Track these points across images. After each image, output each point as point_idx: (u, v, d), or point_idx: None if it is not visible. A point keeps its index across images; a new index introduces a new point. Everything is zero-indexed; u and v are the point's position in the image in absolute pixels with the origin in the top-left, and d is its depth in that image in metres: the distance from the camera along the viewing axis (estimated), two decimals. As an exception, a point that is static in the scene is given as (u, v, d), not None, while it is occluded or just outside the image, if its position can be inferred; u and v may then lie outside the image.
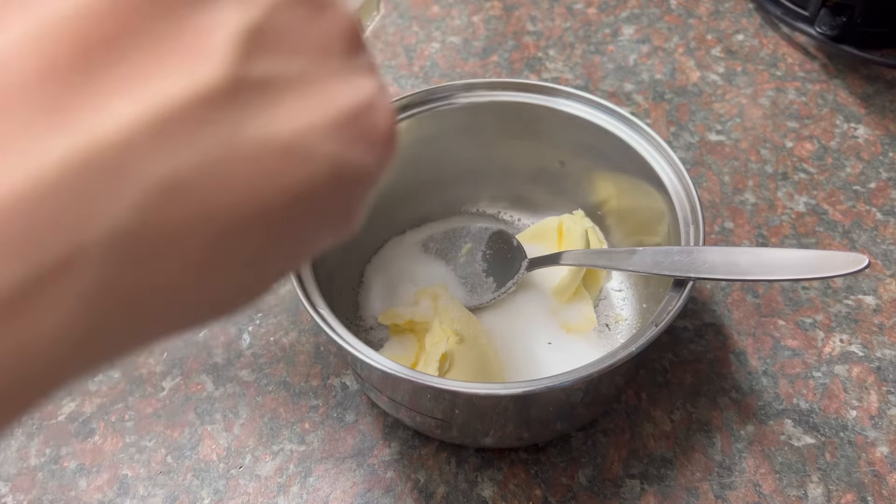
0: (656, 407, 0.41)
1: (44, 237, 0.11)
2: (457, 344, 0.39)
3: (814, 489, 0.38)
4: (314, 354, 0.44)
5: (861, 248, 0.47)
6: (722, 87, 0.57)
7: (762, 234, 0.48)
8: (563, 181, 0.47)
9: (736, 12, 0.63)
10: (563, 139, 0.45)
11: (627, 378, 0.40)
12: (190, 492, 0.39)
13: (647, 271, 0.36)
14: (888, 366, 0.42)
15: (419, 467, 0.39)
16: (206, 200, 0.12)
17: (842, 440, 0.39)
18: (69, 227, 0.11)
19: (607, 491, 0.38)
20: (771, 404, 0.41)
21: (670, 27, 0.62)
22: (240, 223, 0.13)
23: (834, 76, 0.57)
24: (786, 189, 0.50)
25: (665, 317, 0.34)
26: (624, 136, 0.42)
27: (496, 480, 0.39)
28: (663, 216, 0.40)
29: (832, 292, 0.45)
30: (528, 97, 0.44)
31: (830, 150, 0.53)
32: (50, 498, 0.39)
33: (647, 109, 0.56)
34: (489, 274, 0.44)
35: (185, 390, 0.43)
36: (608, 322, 0.44)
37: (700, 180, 0.51)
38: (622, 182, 0.44)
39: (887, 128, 0.54)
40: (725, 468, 0.39)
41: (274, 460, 0.40)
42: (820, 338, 0.43)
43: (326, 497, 0.39)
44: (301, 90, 0.13)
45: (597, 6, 0.65)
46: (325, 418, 0.41)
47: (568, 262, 0.41)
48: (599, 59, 0.60)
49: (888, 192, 0.50)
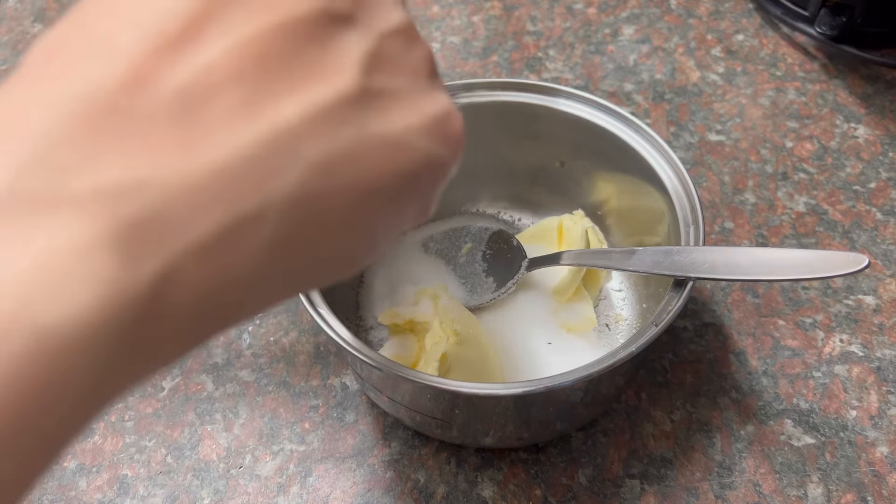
0: (656, 407, 0.41)
1: (242, 195, 0.15)
2: (457, 344, 0.39)
3: (814, 489, 0.38)
4: (314, 354, 0.44)
5: (861, 248, 0.47)
6: (722, 87, 0.57)
7: (762, 234, 0.48)
8: (563, 181, 0.47)
9: (736, 12, 0.63)
10: (563, 139, 0.45)
11: (627, 378, 0.40)
12: (190, 492, 0.39)
13: (647, 271, 0.36)
14: (888, 366, 0.42)
15: (419, 467, 0.39)
16: (345, 176, 0.16)
17: (842, 440, 0.39)
18: (258, 190, 0.15)
19: (607, 491, 0.38)
20: (771, 404, 0.41)
21: (670, 27, 0.62)
22: (368, 194, 0.17)
23: (834, 76, 0.57)
24: (786, 189, 0.50)
25: (665, 317, 0.34)
26: (624, 136, 0.42)
27: (496, 480, 0.39)
28: (663, 216, 0.40)
29: (832, 292, 0.45)
30: (528, 97, 0.44)
31: (830, 150, 0.53)
32: (50, 498, 0.39)
33: (647, 109, 0.56)
34: (489, 274, 0.44)
35: (185, 390, 0.43)
36: (608, 322, 0.44)
37: (700, 180, 0.51)
38: (622, 182, 0.44)
39: (887, 128, 0.54)
40: (725, 468, 0.39)
41: (274, 460, 0.40)
42: (820, 338, 0.43)
43: (326, 497, 0.39)
44: (403, 100, 0.18)
45: (597, 6, 0.65)
46: (325, 418, 0.41)
47: (568, 262, 0.41)
48: (599, 59, 0.60)
49: (888, 192, 0.50)
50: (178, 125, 0.14)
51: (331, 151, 0.16)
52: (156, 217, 0.14)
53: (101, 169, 0.14)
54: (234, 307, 0.16)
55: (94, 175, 0.13)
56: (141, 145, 0.14)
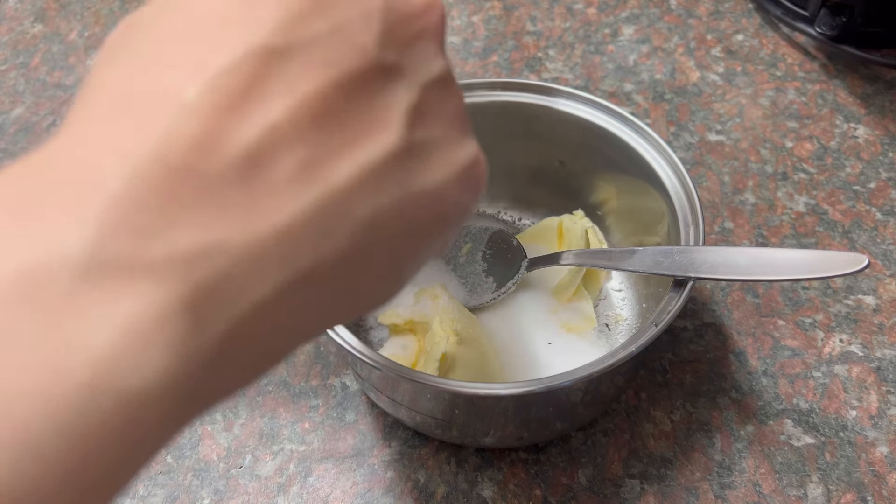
0: (656, 407, 0.41)
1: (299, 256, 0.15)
2: (457, 344, 0.39)
3: (814, 489, 0.38)
4: (314, 354, 0.44)
5: (861, 248, 0.47)
6: (722, 87, 0.57)
7: (762, 234, 0.48)
8: (563, 181, 0.47)
9: (736, 12, 0.63)
10: (563, 139, 0.45)
11: (627, 378, 0.40)
12: (190, 492, 0.39)
13: (647, 271, 0.36)
14: (888, 366, 0.42)
15: (419, 467, 0.39)
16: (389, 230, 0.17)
17: (842, 440, 0.39)
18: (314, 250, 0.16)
19: (607, 491, 0.38)
20: (771, 404, 0.41)
21: (670, 27, 0.62)
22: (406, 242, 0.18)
23: (834, 76, 0.57)
24: (786, 189, 0.51)
25: (665, 317, 0.34)
26: (624, 136, 0.42)
27: (496, 480, 0.39)
28: (663, 216, 0.40)
29: (832, 292, 0.45)
30: (528, 97, 0.44)
31: (830, 150, 0.53)
32: (50, 498, 0.39)
33: (647, 109, 0.56)
34: (489, 274, 0.44)
35: (185, 390, 0.43)
36: (608, 322, 0.44)
37: (700, 180, 0.51)
38: (622, 182, 0.44)
39: (887, 128, 0.54)
40: (725, 468, 0.39)
41: (274, 460, 0.40)
42: (820, 338, 0.43)
43: (326, 497, 0.39)
44: (440, 151, 0.19)
45: (597, 6, 0.65)
46: (325, 418, 0.42)
47: (568, 262, 0.41)
48: (599, 59, 0.60)
49: (888, 192, 0.50)
50: (244, 187, 0.15)
51: (377, 208, 0.17)
52: (223, 280, 0.14)
53: (176, 233, 0.14)
54: (282, 353, 0.17)
55: (171, 240, 0.14)
56: (212, 208, 0.14)
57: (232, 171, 0.15)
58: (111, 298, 0.13)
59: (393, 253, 0.18)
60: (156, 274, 0.14)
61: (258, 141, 0.15)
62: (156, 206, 0.14)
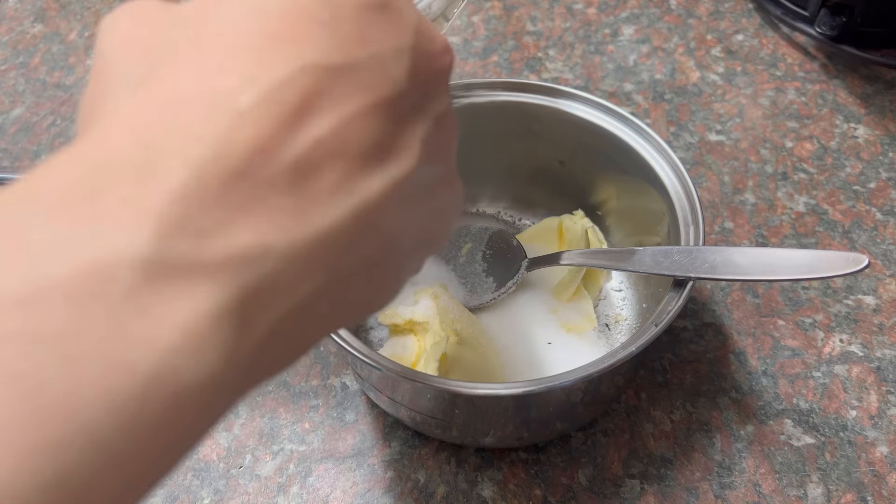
0: (656, 407, 0.41)
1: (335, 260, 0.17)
2: (457, 344, 0.39)
3: (814, 489, 0.38)
4: (314, 354, 0.44)
5: (861, 248, 0.47)
6: (722, 87, 0.57)
7: (762, 234, 0.48)
8: (563, 181, 0.47)
9: (736, 12, 0.63)
10: (563, 139, 0.45)
11: (627, 378, 0.40)
12: (190, 492, 0.39)
13: (647, 271, 0.36)
14: (888, 366, 0.42)
15: (419, 467, 0.39)
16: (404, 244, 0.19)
17: (842, 440, 0.39)
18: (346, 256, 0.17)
19: (607, 491, 0.38)
20: (771, 404, 0.41)
21: (670, 27, 0.62)
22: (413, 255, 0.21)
23: (834, 76, 0.57)
24: (786, 189, 0.51)
25: (665, 317, 0.34)
26: (624, 136, 0.42)
27: (496, 480, 0.39)
28: (663, 216, 0.40)
29: (832, 292, 0.45)
30: (528, 97, 0.44)
31: (830, 150, 0.53)
32: (50, 498, 0.39)
33: (647, 109, 0.56)
34: (489, 274, 0.44)
35: (185, 390, 0.43)
36: (608, 322, 0.44)
37: (700, 180, 0.51)
38: (622, 182, 0.44)
39: (887, 128, 0.54)
40: (725, 468, 0.39)
41: (274, 460, 0.40)
42: (820, 338, 0.43)
43: (326, 497, 0.39)
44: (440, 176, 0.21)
45: (597, 6, 0.65)
46: (324, 418, 0.42)
47: (568, 262, 0.41)
48: (599, 59, 0.60)
49: (888, 192, 0.50)
50: (292, 194, 0.16)
51: (397, 223, 0.19)
52: (269, 282, 0.15)
53: (232, 235, 0.15)
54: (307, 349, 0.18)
55: (227, 242, 0.15)
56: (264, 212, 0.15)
57: (282, 179, 0.16)
58: (172, 297, 0.14)
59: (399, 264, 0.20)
60: (212, 273, 0.14)
61: (307, 152, 0.16)
62: (214, 208, 0.15)
